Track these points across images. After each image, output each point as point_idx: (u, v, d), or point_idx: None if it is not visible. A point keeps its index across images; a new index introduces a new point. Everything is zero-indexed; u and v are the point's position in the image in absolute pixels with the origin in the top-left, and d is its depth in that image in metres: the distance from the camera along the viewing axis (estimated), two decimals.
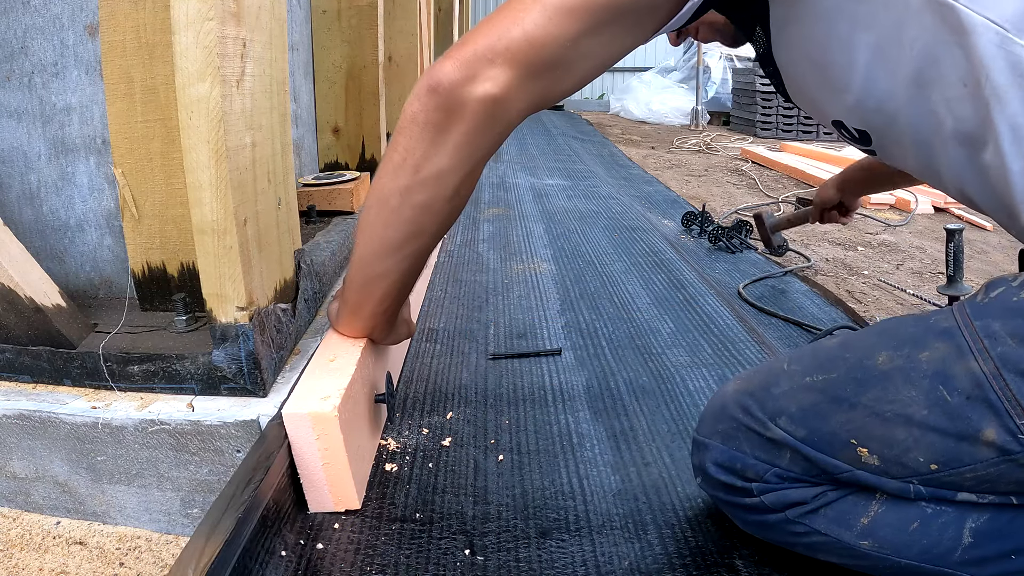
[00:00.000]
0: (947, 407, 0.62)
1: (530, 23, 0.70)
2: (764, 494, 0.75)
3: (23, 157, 1.23)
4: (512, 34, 0.71)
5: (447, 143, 0.76)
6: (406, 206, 0.81)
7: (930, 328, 0.65)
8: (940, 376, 0.63)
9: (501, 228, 2.43)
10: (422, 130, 0.76)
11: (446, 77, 0.73)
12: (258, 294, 0.98)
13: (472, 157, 0.78)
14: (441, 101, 0.74)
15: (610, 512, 0.88)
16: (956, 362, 0.62)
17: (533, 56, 0.72)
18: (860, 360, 0.69)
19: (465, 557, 0.80)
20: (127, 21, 1.05)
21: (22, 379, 1.05)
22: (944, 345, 0.63)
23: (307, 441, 0.84)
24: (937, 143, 0.68)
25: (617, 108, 7.84)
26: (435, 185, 0.79)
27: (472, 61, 0.72)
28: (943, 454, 0.63)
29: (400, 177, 0.80)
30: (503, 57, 0.72)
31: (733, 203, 3.19)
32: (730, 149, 5.05)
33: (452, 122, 0.75)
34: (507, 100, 0.74)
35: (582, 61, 0.74)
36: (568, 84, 0.77)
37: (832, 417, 0.69)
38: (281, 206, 1.09)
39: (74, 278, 1.29)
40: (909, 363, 0.65)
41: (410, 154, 0.78)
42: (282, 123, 1.09)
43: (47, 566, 0.95)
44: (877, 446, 0.66)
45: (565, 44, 0.71)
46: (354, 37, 2.11)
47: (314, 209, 1.78)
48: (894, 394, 0.65)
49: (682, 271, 1.92)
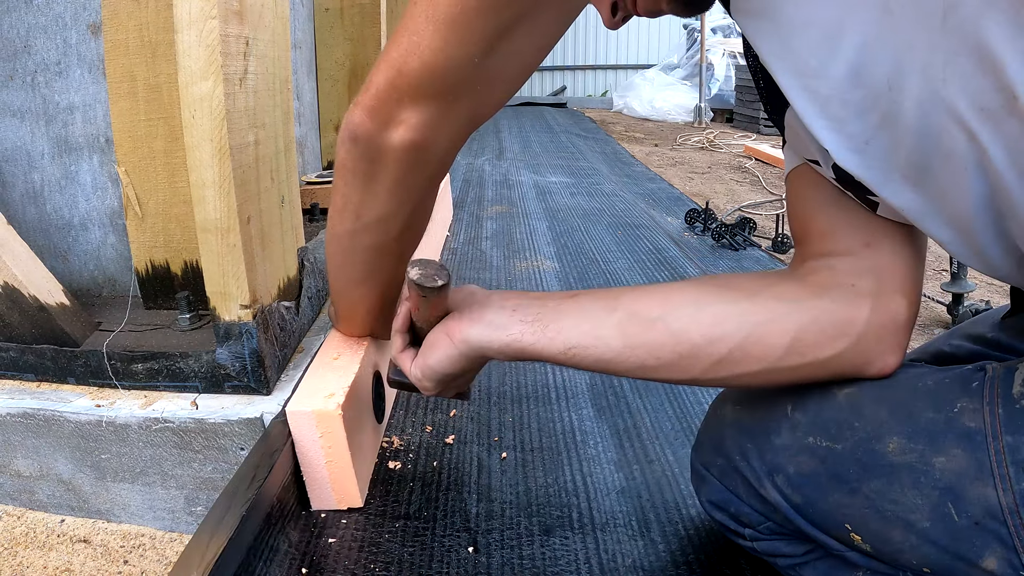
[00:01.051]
0: (952, 526, 0.57)
1: (427, 50, 0.62)
2: (756, 541, 0.74)
3: (26, 156, 1.23)
4: (411, 66, 0.63)
5: (379, 190, 0.73)
6: (358, 248, 0.79)
7: (952, 423, 0.58)
8: (951, 493, 0.57)
9: (504, 226, 2.43)
10: (352, 177, 0.73)
11: (360, 128, 0.68)
12: (261, 292, 0.98)
13: (410, 198, 0.75)
14: (362, 151, 0.70)
15: (613, 510, 0.88)
16: (973, 483, 0.56)
17: (440, 85, 0.64)
18: (868, 439, 0.62)
19: (468, 554, 0.81)
20: (130, 20, 1.05)
21: (26, 377, 1.05)
22: (964, 455, 0.56)
23: (311, 439, 0.84)
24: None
25: (620, 105, 7.83)
26: (379, 229, 0.77)
27: (379, 107, 0.67)
28: (937, 565, 0.59)
29: (345, 221, 0.77)
30: (408, 95, 0.65)
31: (736, 200, 3.19)
32: (733, 146, 5.04)
33: (378, 171, 0.71)
34: (428, 139, 0.68)
35: (504, 68, 0.66)
36: (496, 95, 0.69)
37: (830, 495, 0.64)
38: (284, 204, 1.09)
39: (78, 276, 1.29)
40: (921, 464, 0.58)
41: (348, 200, 0.75)
42: (285, 121, 1.09)
43: (51, 564, 0.95)
44: (871, 538, 0.62)
45: (473, 61, 0.63)
46: (357, 35, 2.11)
47: (317, 207, 1.78)
48: (898, 494, 0.59)
49: (685, 269, 1.92)
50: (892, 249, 0.64)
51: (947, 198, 0.56)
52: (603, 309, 0.69)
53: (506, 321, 0.72)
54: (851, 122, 0.56)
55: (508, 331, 0.72)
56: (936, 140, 0.53)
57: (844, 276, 0.65)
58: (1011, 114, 0.48)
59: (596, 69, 9.54)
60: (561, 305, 0.72)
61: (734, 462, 0.72)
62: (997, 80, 0.48)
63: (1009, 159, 0.50)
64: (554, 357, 0.71)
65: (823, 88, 0.56)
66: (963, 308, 1.66)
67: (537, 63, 0.68)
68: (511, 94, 0.70)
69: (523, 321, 0.71)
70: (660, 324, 0.67)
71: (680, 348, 0.66)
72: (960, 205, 0.55)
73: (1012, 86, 0.47)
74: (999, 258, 0.59)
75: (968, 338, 0.79)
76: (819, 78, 0.56)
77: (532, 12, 0.62)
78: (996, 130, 0.50)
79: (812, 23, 0.54)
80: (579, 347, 0.69)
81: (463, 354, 0.74)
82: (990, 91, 0.48)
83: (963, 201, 0.55)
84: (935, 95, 0.51)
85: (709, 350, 0.65)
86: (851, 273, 0.65)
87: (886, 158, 0.57)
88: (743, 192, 3.42)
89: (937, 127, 0.52)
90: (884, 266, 0.64)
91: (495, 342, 0.72)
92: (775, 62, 0.58)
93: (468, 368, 0.76)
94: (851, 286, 0.64)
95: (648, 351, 0.67)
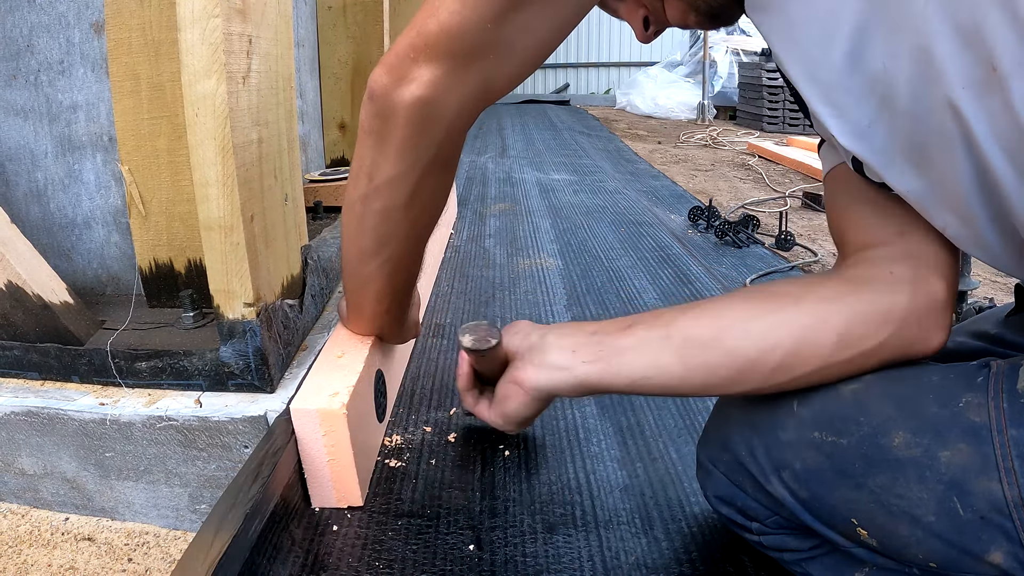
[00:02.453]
0: (957, 520, 0.57)
1: (444, 11, 0.65)
2: (763, 535, 0.75)
3: (30, 155, 1.23)
4: (429, 27, 0.66)
5: (389, 149, 0.74)
6: (368, 213, 0.80)
7: (957, 418, 0.58)
8: (957, 487, 0.57)
9: (507, 223, 2.43)
10: (367, 137, 0.75)
11: (377, 84, 0.71)
12: (265, 290, 0.98)
13: (418, 161, 0.75)
14: (377, 108, 0.72)
15: (616, 507, 0.88)
16: (978, 477, 0.56)
17: (454, 46, 0.67)
18: (874, 434, 0.62)
19: (471, 552, 0.81)
20: (133, 18, 1.06)
21: (30, 376, 1.05)
22: (969, 449, 0.56)
23: (314, 437, 0.84)
24: None
25: (623, 103, 7.82)
26: (388, 192, 0.78)
27: (397, 64, 0.69)
28: (944, 559, 0.59)
29: (359, 185, 0.79)
30: (424, 54, 0.68)
31: (740, 198, 3.18)
32: (737, 144, 5.03)
33: (389, 128, 0.73)
34: (438, 97, 0.70)
35: (517, 40, 0.68)
36: (509, 68, 0.70)
37: (836, 490, 0.64)
38: (288, 202, 1.09)
39: (81, 275, 1.29)
40: (926, 458, 0.58)
41: (363, 162, 0.77)
42: (288, 119, 1.09)
43: (56, 562, 0.96)
44: (878, 533, 0.62)
45: (486, 26, 0.65)
46: (360, 33, 2.11)
47: (320, 205, 1.78)
48: (904, 489, 0.59)
49: (689, 266, 1.92)
50: (925, 235, 0.67)
51: (944, 181, 0.58)
52: (659, 338, 0.72)
53: (569, 362, 0.77)
54: (853, 108, 0.59)
55: (574, 373, 0.76)
56: (928, 121, 0.55)
57: (881, 266, 0.68)
58: (991, 89, 0.50)
59: (599, 67, 9.53)
60: (618, 340, 0.75)
61: (740, 458, 0.72)
62: (977, 53, 0.50)
63: (993, 135, 0.52)
64: (622, 389, 0.75)
65: (825, 76, 0.59)
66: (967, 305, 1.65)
67: (551, 44, 0.70)
68: (523, 73, 0.72)
69: (586, 362, 0.76)
70: (715, 345, 0.69)
71: (737, 364, 0.68)
72: (955, 187, 0.57)
73: (992, 57, 0.49)
74: (998, 245, 0.61)
75: (972, 335, 0.79)
76: (821, 67, 0.59)
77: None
78: (979, 106, 0.52)
79: (813, 14, 0.57)
80: (644, 379, 0.73)
81: (535, 399, 0.80)
82: (971, 65, 0.51)
83: (957, 183, 0.57)
84: (923, 75, 0.53)
85: (764, 361, 0.67)
86: (887, 262, 0.68)
87: (888, 141, 0.59)
88: (746, 190, 3.41)
89: (928, 107, 0.54)
90: (918, 251, 0.67)
91: (563, 385, 0.78)
92: (785, 55, 0.62)
93: (542, 408, 0.84)
94: (889, 274, 0.67)
95: (709, 372, 0.70)
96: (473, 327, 0.80)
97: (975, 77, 0.51)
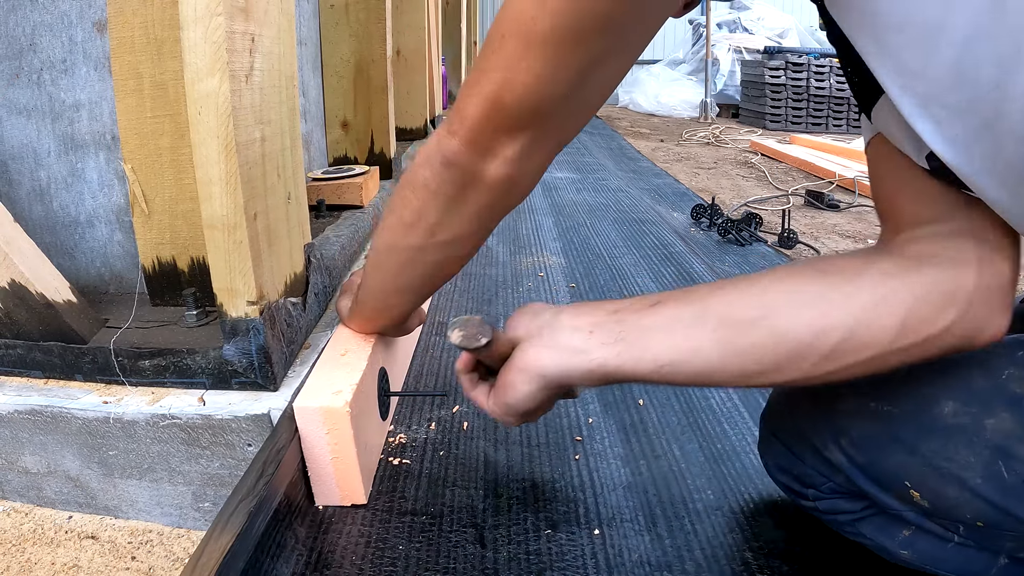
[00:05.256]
0: (1002, 483, 0.60)
1: (520, 86, 0.60)
2: (818, 500, 0.78)
3: (32, 154, 1.23)
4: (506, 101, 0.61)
5: (464, 213, 0.72)
6: (419, 263, 0.80)
7: (1001, 389, 0.61)
8: (1001, 452, 0.60)
9: (510, 221, 2.42)
10: (434, 197, 0.72)
11: (458, 156, 0.67)
12: (268, 288, 0.98)
13: (492, 222, 0.76)
14: (454, 177, 0.69)
15: (620, 505, 0.88)
16: (1020, 443, 0.59)
17: (535, 119, 0.63)
18: (927, 403, 0.65)
19: (475, 550, 0.81)
20: (135, 17, 1.06)
21: (33, 375, 1.05)
22: (1011, 418, 0.60)
23: (317, 435, 0.84)
24: None
25: (626, 101, 7.82)
26: (451, 247, 0.77)
27: (476, 139, 0.65)
28: (991, 519, 0.62)
29: (413, 237, 0.77)
30: (505, 128, 0.64)
31: (743, 196, 3.18)
32: (739, 142, 5.03)
33: (469, 195, 0.70)
34: (523, 169, 0.68)
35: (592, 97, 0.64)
36: (582, 121, 0.68)
37: (891, 456, 0.67)
38: (291, 200, 1.09)
39: (84, 274, 1.29)
40: (974, 425, 0.62)
41: (423, 218, 0.74)
42: (291, 118, 1.09)
43: (59, 560, 0.96)
44: (929, 494, 0.65)
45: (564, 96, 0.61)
46: (362, 31, 2.11)
47: (323, 203, 1.78)
48: (953, 452, 0.62)
49: (692, 264, 1.91)
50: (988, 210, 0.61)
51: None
52: (693, 317, 0.64)
53: (584, 344, 0.67)
54: (951, 123, 0.53)
55: (590, 356, 0.67)
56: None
57: (944, 242, 0.62)
58: None
59: None
60: (643, 319, 0.66)
61: (801, 428, 0.76)
62: None
63: None
64: (645, 377, 0.66)
65: (922, 87, 0.53)
66: None
67: (616, 85, 0.66)
68: (589, 119, 0.69)
69: (604, 343, 0.66)
70: (761, 325, 0.62)
71: (785, 347, 0.61)
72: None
73: None
74: None
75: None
76: (919, 78, 0.52)
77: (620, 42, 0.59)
78: None
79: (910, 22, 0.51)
80: (673, 363, 0.64)
81: (542, 388, 0.69)
82: None
83: None
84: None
85: (817, 345, 0.61)
86: (950, 237, 0.62)
87: (984, 161, 0.54)
88: (749, 187, 3.41)
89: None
90: (983, 227, 0.61)
91: (576, 370, 0.67)
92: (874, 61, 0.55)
93: (551, 398, 0.72)
94: (954, 251, 0.61)
95: (751, 357, 0.63)
96: (463, 322, 0.70)
97: None
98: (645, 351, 0.65)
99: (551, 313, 0.71)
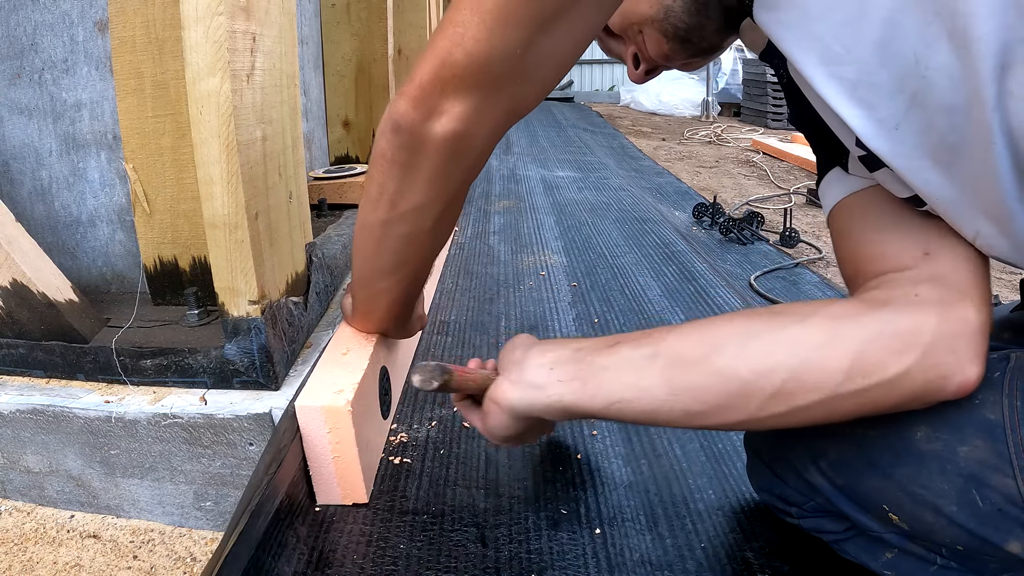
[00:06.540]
0: (977, 511, 0.58)
1: (470, 41, 0.61)
2: (802, 519, 0.78)
3: (34, 153, 1.24)
4: (455, 57, 0.62)
5: (418, 180, 0.72)
6: (390, 237, 0.79)
7: (974, 415, 0.59)
8: (975, 480, 0.58)
9: (512, 220, 2.42)
10: (391, 166, 0.72)
11: (404, 117, 0.67)
12: (270, 288, 0.98)
13: (448, 189, 0.74)
14: (404, 141, 0.69)
15: (621, 504, 0.88)
16: (994, 472, 0.57)
17: (484, 77, 0.63)
18: (899, 427, 0.63)
19: (476, 549, 0.81)
20: (136, 17, 1.06)
21: (35, 374, 1.05)
22: (985, 445, 0.58)
23: (319, 434, 0.84)
24: None
25: (627, 100, 7.81)
26: (414, 219, 0.76)
27: (423, 96, 0.66)
28: (968, 545, 0.61)
29: (379, 211, 0.77)
30: (452, 85, 0.64)
31: (744, 194, 3.18)
32: (741, 140, 5.02)
33: (419, 160, 0.70)
34: (470, 130, 0.67)
35: (543, 63, 0.65)
36: (535, 89, 0.68)
37: (867, 480, 0.66)
38: (292, 200, 1.09)
39: (86, 273, 1.29)
40: (947, 452, 0.60)
41: (384, 189, 0.75)
42: (292, 117, 1.09)
43: (61, 559, 0.96)
44: (907, 518, 0.64)
45: (515, 54, 0.62)
46: (363, 30, 2.11)
47: (325, 202, 1.78)
48: (927, 480, 0.61)
49: (693, 263, 1.91)
50: (954, 254, 0.61)
51: (979, 180, 0.54)
52: (644, 357, 0.67)
53: (544, 380, 0.72)
54: (881, 105, 0.54)
55: (547, 392, 0.72)
56: (966, 113, 0.51)
57: (904, 287, 0.61)
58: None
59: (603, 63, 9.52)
60: (600, 358, 0.70)
61: (780, 449, 0.76)
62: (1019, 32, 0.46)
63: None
64: (598, 413, 0.69)
65: (850, 73, 0.54)
66: None
67: (574, 60, 0.67)
68: (548, 90, 0.69)
69: (561, 380, 0.71)
70: (704, 363, 0.63)
71: (728, 387, 0.62)
72: (991, 185, 0.53)
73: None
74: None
75: None
76: (845, 63, 0.54)
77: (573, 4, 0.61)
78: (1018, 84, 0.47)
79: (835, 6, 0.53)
80: (622, 401, 0.67)
81: (513, 418, 0.75)
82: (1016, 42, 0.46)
83: (994, 180, 0.53)
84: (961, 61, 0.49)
85: (760, 384, 0.61)
86: (912, 283, 0.61)
87: (918, 141, 0.55)
88: (751, 186, 3.41)
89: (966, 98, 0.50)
90: (947, 272, 0.61)
91: (537, 404, 0.73)
92: (801, 54, 0.57)
93: (529, 427, 0.78)
94: (913, 295, 0.60)
95: (693, 396, 0.64)
96: (421, 367, 0.77)
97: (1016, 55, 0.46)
98: (599, 389, 0.69)
99: (523, 349, 0.77)
